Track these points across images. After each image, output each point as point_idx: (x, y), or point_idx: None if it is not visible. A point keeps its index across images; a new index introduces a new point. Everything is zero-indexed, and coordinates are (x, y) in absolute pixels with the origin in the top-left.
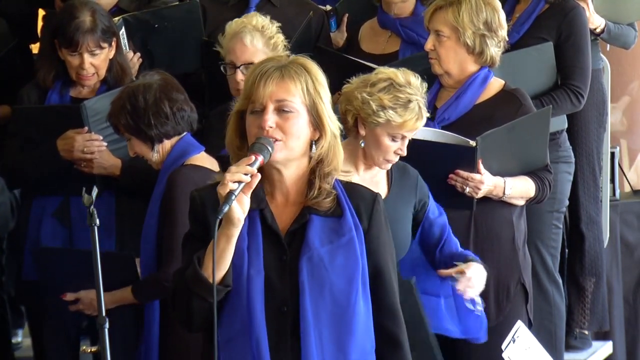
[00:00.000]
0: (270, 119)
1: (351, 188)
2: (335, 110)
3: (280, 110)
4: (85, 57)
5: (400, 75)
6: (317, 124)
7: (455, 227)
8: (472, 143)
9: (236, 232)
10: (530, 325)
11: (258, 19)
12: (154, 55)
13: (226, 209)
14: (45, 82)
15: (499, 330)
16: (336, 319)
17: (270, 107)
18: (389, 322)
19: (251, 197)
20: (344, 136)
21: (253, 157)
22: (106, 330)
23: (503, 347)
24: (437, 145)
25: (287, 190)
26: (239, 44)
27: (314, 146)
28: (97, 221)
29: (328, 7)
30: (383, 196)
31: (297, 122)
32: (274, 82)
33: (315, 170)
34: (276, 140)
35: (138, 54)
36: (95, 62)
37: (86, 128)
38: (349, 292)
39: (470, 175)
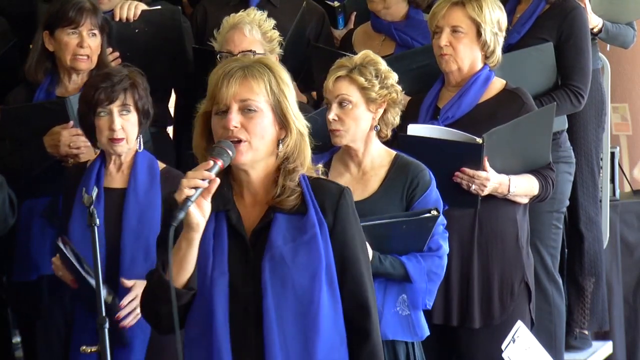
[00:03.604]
0: (235, 119)
1: (317, 184)
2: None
3: (244, 110)
4: (85, 35)
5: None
6: (282, 122)
7: (459, 225)
8: (479, 140)
9: (197, 237)
10: (532, 325)
11: (256, 14)
12: (131, 62)
13: (181, 216)
14: (37, 76)
15: (502, 329)
16: (300, 317)
17: (235, 107)
18: (358, 316)
19: (218, 198)
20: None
21: (212, 162)
22: (106, 330)
23: (503, 347)
24: (443, 143)
25: (255, 190)
26: (238, 34)
27: (280, 145)
28: (98, 221)
29: (336, 4)
30: (370, 193)
31: (261, 122)
32: (237, 82)
33: (280, 169)
34: (241, 141)
35: (116, 54)
36: (92, 43)
37: (71, 123)
38: (312, 289)
39: (477, 173)
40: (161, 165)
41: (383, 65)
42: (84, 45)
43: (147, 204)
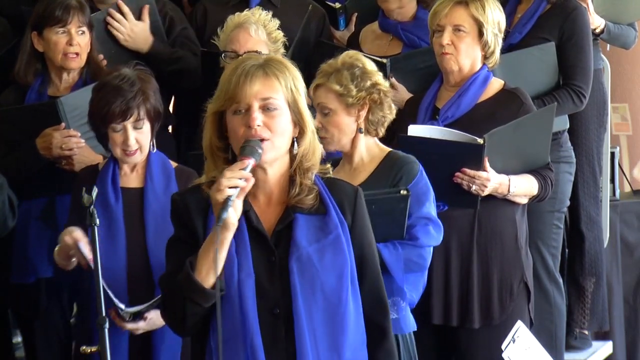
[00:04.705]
0: (258, 117)
1: (332, 183)
2: None
3: (266, 109)
4: (73, 33)
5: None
6: (298, 120)
7: (459, 225)
8: (480, 141)
9: (230, 237)
10: (531, 324)
11: (261, 14)
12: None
13: (225, 215)
14: (27, 78)
15: (502, 329)
16: (329, 318)
17: (256, 106)
18: (377, 314)
19: None
20: None
21: (246, 161)
22: (106, 331)
23: (503, 347)
24: (444, 143)
25: (271, 189)
26: (243, 33)
27: (295, 143)
28: (97, 221)
29: (337, 5)
30: (356, 184)
31: (282, 120)
32: (259, 81)
33: (296, 168)
34: (264, 139)
35: (101, 56)
36: (81, 41)
37: (63, 124)
38: (340, 289)
39: (477, 174)
40: (173, 163)
41: (362, 65)
42: (73, 43)
43: (167, 201)
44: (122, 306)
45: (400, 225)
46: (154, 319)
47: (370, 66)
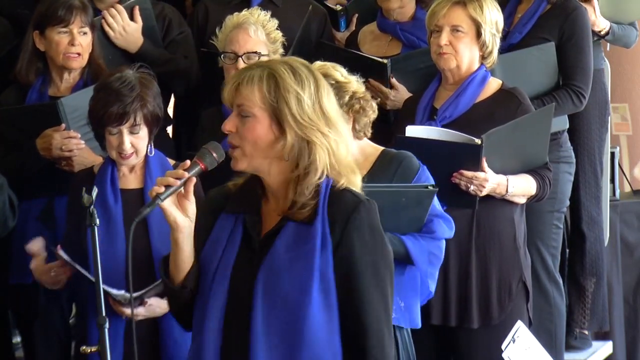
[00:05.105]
0: (230, 123)
1: (337, 196)
2: None
3: (240, 115)
4: (76, 33)
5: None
6: (286, 127)
7: (457, 226)
8: (478, 141)
9: (181, 237)
10: (530, 324)
11: (260, 14)
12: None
13: (146, 212)
14: (28, 77)
15: (501, 329)
16: (289, 329)
17: (235, 112)
18: (357, 335)
19: (241, 200)
20: None
21: (188, 162)
22: (106, 331)
23: (503, 347)
24: (442, 144)
25: (278, 195)
26: (243, 34)
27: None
28: (97, 221)
29: (339, 7)
30: None
31: (253, 127)
32: (233, 87)
33: (291, 180)
34: (235, 147)
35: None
36: (83, 42)
37: (63, 125)
38: (302, 302)
39: (475, 174)
40: (170, 160)
41: (335, 80)
42: (75, 44)
43: None
44: (114, 291)
45: (421, 220)
46: (154, 305)
47: (342, 76)
